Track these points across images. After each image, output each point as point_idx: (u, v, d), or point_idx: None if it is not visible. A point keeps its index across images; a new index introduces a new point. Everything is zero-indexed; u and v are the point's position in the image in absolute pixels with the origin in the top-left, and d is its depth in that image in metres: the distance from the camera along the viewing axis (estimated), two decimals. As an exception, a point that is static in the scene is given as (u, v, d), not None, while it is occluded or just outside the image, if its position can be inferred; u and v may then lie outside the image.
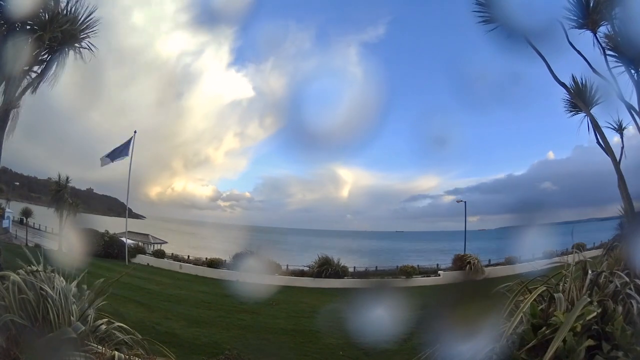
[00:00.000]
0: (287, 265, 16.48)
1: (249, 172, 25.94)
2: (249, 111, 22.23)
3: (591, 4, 8.08)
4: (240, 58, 21.14)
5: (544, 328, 3.33)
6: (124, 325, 4.44)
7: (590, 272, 3.94)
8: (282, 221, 25.48)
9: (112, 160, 16.19)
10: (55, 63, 7.85)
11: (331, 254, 15.82)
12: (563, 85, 8.84)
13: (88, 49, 8.17)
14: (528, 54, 8.14)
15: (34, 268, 4.53)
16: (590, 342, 3.13)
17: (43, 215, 17.49)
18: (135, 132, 16.67)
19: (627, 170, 8.09)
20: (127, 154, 16.28)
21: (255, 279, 13.12)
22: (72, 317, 4.15)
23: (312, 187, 25.26)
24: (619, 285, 3.75)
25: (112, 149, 16.22)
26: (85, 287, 4.73)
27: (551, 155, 19.87)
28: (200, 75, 21.79)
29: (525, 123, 18.80)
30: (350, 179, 25.29)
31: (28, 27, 7.59)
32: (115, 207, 21.72)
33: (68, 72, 7.95)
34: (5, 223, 17.39)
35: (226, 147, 24.20)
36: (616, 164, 8.20)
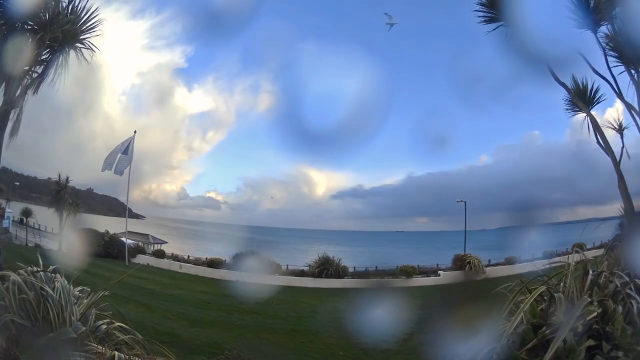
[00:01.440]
0: (287, 265, 16.50)
1: (232, 173, 27.40)
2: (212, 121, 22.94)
3: (591, 4, 8.08)
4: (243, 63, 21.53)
5: (544, 328, 3.33)
6: (124, 325, 4.43)
7: (590, 272, 3.93)
8: (271, 221, 26.16)
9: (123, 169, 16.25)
10: (56, 63, 7.85)
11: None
12: (563, 85, 8.84)
13: (89, 49, 8.17)
14: (528, 53, 8.14)
15: (34, 268, 4.52)
16: (590, 342, 3.13)
17: (43, 215, 17.48)
18: (135, 132, 16.73)
19: (627, 170, 8.10)
20: (126, 153, 16.29)
21: (255, 278, 13.12)
22: (72, 317, 4.14)
23: (288, 188, 26.13)
24: (619, 285, 3.74)
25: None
26: (85, 287, 4.73)
27: (550, 155, 19.88)
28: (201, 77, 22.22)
29: (523, 121, 18.91)
30: (322, 180, 26.14)
31: (28, 27, 7.58)
32: (115, 207, 21.75)
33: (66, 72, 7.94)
34: (5, 223, 17.38)
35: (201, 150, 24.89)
36: (616, 164, 8.21)
